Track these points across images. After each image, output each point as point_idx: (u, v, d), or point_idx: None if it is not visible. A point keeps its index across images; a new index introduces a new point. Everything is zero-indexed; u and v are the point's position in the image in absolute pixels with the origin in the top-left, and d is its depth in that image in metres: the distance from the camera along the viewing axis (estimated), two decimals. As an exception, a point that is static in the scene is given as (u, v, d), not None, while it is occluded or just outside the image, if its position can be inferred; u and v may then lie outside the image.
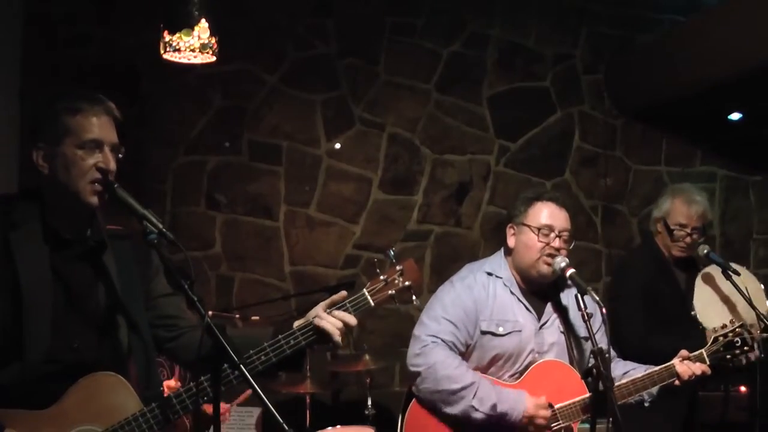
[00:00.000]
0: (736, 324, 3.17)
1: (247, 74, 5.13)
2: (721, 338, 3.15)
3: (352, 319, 2.36)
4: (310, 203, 5.23)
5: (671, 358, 3.18)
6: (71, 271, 2.28)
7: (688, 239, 3.98)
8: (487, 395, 3.07)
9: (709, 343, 3.16)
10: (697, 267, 3.98)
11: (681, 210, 4.00)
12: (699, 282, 3.85)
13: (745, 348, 3.14)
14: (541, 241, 3.18)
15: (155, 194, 4.94)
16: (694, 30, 5.15)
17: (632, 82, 5.67)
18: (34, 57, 4.75)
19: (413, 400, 3.21)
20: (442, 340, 3.15)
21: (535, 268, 3.20)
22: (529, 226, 3.20)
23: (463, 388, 3.07)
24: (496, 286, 3.25)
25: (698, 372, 3.11)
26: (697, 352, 3.14)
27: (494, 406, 3.06)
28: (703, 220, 4.02)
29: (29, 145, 2.27)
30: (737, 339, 3.14)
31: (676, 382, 3.12)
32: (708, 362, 3.13)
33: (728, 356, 3.15)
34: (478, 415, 3.07)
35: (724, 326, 3.17)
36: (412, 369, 3.17)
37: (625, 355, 3.43)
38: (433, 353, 3.12)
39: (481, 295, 3.23)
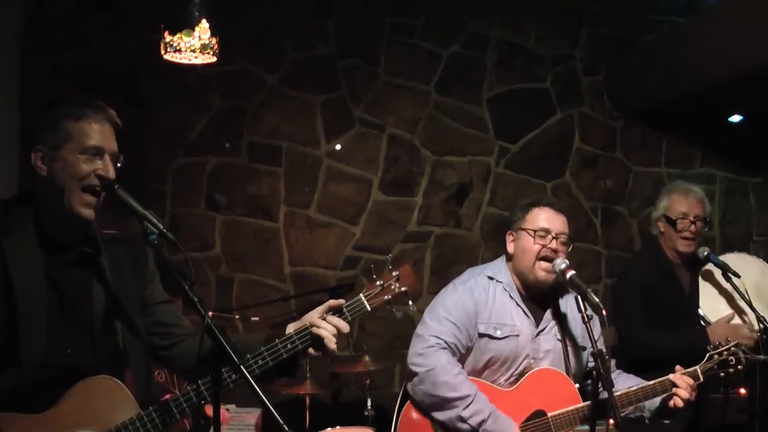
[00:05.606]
0: (732, 342, 3.19)
1: (247, 75, 5.13)
2: (716, 356, 3.18)
3: (345, 326, 2.36)
4: (310, 204, 5.22)
5: (674, 357, 3.19)
6: (66, 276, 2.26)
7: (692, 227, 3.99)
8: (480, 410, 3.06)
9: (704, 360, 3.17)
10: (701, 266, 4.00)
11: (680, 200, 4.03)
12: (700, 280, 3.93)
13: (739, 367, 3.16)
14: (538, 243, 3.19)
15: (155, 195, 4.94)
16: (694, 31, 5.15)
17: (632, 83, 5.67)
18: (34, 57, 4.74)
19: (407, 402, 3.21)
20: (446, 342, 3.15)
21: (533, 273, 3.21)
22: (526, 230, 3.24)
23: (459, 398, 3.07)
24: (496, 290, 3.27)
25: (693, 384, 3.09)
26: (691, 369, 3.14)
27: (482, 422, 3.06)
28: (704, 208, 4.05)
29: (28, 146, 2.25)
30: (731, 358, 3.17)
31: (679, 400, 3.07)
32: (702, 379, 3.14)
33: (722, 374, 3.17)
34: (464, 427, 3.07)
35: (719, 345, 3.19)
36: (412, 368, 3.16)
37: (628, 355, 3.42)
38: (435, 356, 3.12)
39: (482, 297, 3.24)
